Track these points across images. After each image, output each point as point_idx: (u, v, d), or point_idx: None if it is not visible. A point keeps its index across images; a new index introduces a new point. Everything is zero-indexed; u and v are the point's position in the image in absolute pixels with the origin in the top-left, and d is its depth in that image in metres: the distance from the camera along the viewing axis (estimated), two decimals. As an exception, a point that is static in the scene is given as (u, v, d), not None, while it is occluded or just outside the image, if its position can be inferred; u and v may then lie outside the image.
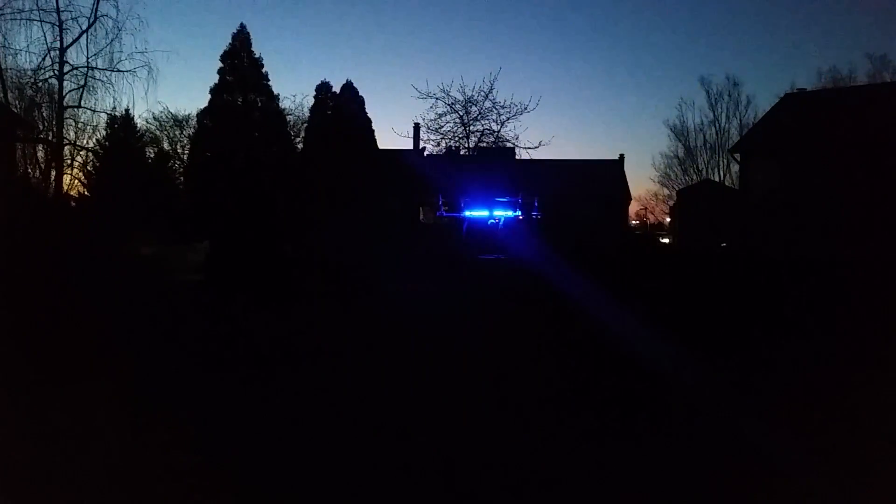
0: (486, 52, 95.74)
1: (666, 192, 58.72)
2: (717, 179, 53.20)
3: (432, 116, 27.15)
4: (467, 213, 22.16)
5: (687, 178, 55.99)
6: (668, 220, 58.76)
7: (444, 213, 23.46)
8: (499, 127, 27.01)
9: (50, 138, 25.63)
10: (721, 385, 7.91)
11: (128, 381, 7.70)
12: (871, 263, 16.77)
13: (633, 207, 57.69)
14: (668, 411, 6.86)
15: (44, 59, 24.87)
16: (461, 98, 26.74)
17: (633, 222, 60.39)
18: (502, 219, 21.98)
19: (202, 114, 37.28)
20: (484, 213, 21.95)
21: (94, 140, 31.01)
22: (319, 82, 39.31)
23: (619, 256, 24.31)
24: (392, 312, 13.43)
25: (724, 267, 21.74)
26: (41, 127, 25.61)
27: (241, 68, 36.47)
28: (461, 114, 26.97)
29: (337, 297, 15.63)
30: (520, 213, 22.12)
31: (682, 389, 7.58)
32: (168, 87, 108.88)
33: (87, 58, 25.60)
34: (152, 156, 40.38)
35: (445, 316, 12.87)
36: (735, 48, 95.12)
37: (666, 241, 50.81)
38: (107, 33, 25.62)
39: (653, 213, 64.09)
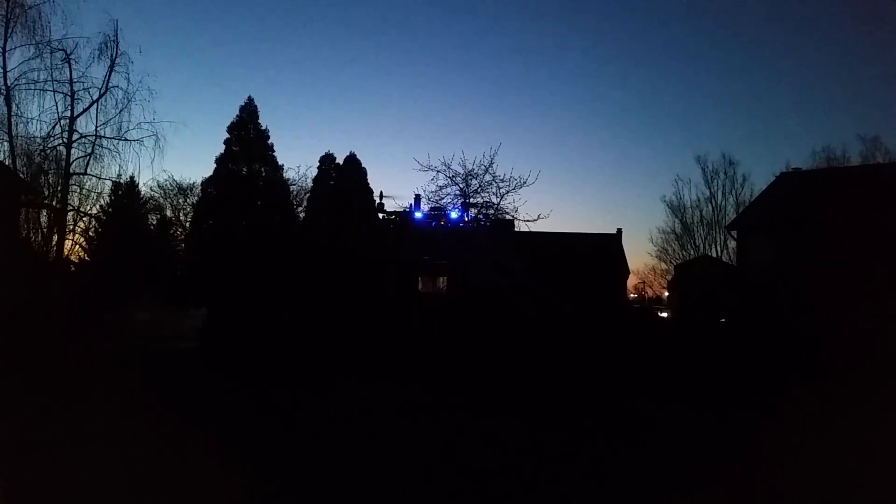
0: (487, 127, 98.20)
1: (664, 266, 58.99)
2: (714, 255, 53.45)
3: (433, 188, 27.58)
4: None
5: (685, 253, 56.29)
6: (667, 294, 58.77)
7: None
8: (498, 200, 27.35)
9: (54, 204, 25.79)
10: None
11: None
12: (862, 338, 17.25)
13: (632, 281, 57.87)
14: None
15: (53, 128, 25.13)
16: (462, 171, 27.19)
17: (632, 296, 60.42)
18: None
19: (206, 182, 37.73)
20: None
21: (97, 206, 31.14)
22: (323, 153, 40.10)
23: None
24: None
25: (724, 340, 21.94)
26: (46, 193, 25.77)
27: (247, 139, 37.12)
28: (462, 186, 27.37)
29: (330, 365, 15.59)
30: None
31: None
32: (174, 157, 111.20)
33: (96, 126, 25.91)
34: (154, 223, 40.69)
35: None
36: (731, 127, 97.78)
37: (664, 314, 50.63)
38: (116, 103, 25.97)
39: (651, 288, 64.25)
